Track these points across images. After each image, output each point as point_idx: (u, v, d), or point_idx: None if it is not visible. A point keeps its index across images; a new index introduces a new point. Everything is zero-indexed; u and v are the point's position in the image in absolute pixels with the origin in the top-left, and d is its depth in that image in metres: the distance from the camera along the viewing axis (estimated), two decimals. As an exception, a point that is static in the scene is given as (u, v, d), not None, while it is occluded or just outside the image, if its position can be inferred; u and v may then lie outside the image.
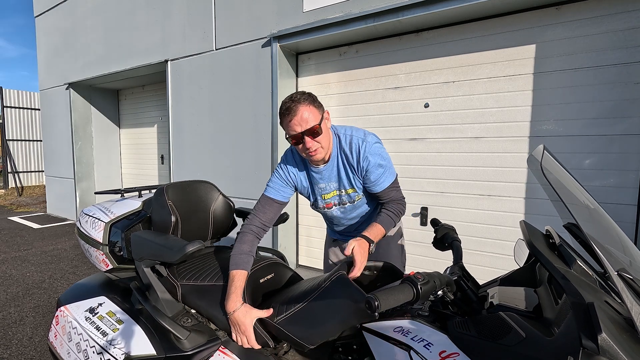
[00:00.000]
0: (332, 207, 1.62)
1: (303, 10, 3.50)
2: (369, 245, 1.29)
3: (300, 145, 1.38)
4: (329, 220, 1.76)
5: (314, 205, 1.67)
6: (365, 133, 1.50)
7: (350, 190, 1.55)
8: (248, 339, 1.21)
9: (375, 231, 1.38)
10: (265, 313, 1.23)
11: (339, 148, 1.50)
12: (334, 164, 1.51)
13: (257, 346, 1.21)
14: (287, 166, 1.56)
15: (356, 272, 1.19)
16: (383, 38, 3.39)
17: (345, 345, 1.19)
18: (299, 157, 1.56)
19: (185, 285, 1.40)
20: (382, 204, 1.56)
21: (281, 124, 1.39)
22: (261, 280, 1.41)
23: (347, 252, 1.21)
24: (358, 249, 1.22)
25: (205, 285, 1.38)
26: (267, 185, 1.55)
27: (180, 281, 1.41)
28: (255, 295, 1.36)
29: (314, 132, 1.34)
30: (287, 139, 1.40)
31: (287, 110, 1.34)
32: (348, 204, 1.60)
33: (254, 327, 1.21)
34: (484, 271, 3.04)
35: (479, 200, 3.06)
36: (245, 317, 1.20)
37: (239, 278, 1.28)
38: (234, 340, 1.25)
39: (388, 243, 1.71)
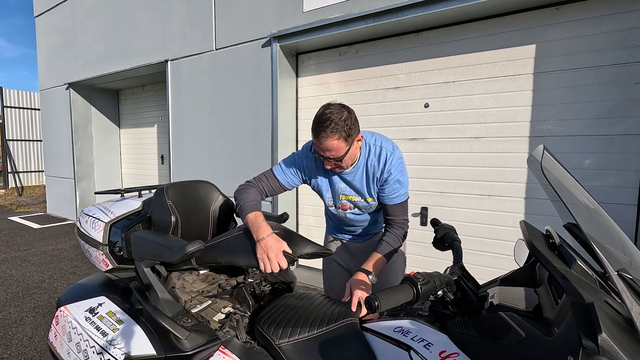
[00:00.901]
0: (347, 209, 1.64)
1: (303, 10, 3.50)
2: (369, 277, 1.35)
3: (324, 160, 1.43)
4: (336, 219, 1.77)
5: (329, 204, 1.68)
6: (393, 146, 1.52)
7: (369, 199, 1.57)
8: (279, 261, 1.23)
9: (376, 263, 1.44)
10: (289, 250, 1.27)
11: (366, 157, 1.50)
12: (357, 171, 1.52)
13: (285, 266, 1.24)
14: (305, 160, 1.58)
15: (354, 308, 1.25)
16: (383, 38, 3.39)
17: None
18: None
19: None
20: (386, 223, 1.60)
21: (311, 132, 1.38)
22: None
23: (346, 298, 1.31)
24: (357, 291, 1.29)
25: (218, 242, 1.37)
26: (279, 164, 1.60)
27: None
28: None
29: (337, 159, 1.39)
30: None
31: (316, 131, 1.34)
32: (363, 209, 1.62)
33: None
34: (484, 271, 3.04)
35: (479, 200, 3.06)
36: (277, 242, 1.25)
37: (259, 217, 1.34)
38: (262, 271, 1.25)
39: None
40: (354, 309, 1.25)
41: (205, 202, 1.70)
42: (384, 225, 1.72)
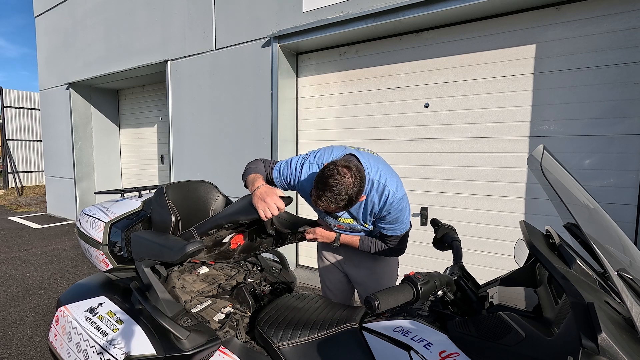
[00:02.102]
0: (342, 229, 1.64)
1: (303, 10, 3.50)
2: (334, 239, 1.62)
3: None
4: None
5: (324, 220, 1.67)
6: (397, 184, 1.45)
7: (366, 225, 1.57)
8: (277, 202, 1.28)
9: (350, 239, 1.62)
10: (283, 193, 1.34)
11: (367, 193, 1.43)
12: (359, 203, 1.46)
13: (283, 207, 1.29)
14: (301, 179, 1.52)
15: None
16: (383, 38, 3.39)
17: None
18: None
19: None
20: (380, 239, 1.62)
21: (314, 185, 1.31)
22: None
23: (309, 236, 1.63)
24: (322, 231, 1.62)
25: (217, 213, 1.42)
26: (279, 165, 1.60)
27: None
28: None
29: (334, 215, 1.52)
30: None
31: (317, 192, 1.27)
32: (359, 230, 1.63)
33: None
34: (484, 271, 3.04)
35: (479, 200, 3.05)
36: (271, 188, 1.33)
37: (258, 177, 1.45)
38: (262, 219, 1.28)
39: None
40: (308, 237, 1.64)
41: (205, 202, 1.70)
42: None
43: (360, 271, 1.73)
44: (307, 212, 4.03)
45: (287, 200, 1.33)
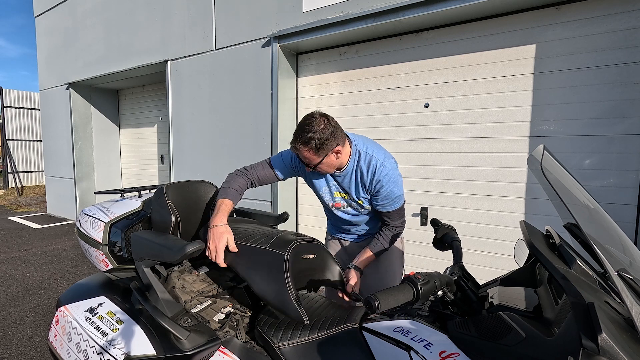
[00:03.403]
0: (340, 207, 1.66)
1: (303, 10, 3.50)
2: (360, 275, 1.51)
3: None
4: (334, 218, 1.79)
5: (326, 202, 1.71)
6: (385, 156, 1.52)
7: (360, 202, 1.60)
8: (217, 254, 1.28)
9: (365, 259, 1.57)
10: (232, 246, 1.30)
11: (356, 164, 1.52)
12: (348, 174, 1.55)
13: (223, 264, 1.29)
14: (295, 160, 1.60)
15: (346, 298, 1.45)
16: (383, 38, 3.39)
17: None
18: None
19: None
20: (383, 223, 1.64)
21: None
22: (303, 257, 1.35)
23: (349, 289, 1.43)
24: (352, 285, 1.44)
25: (250, 247, 1.31)
26: (279, 154, 1.66)
27: None
28: (295, 269, 1.28)
29: (310, 166, 1.47)
30: None
31: (293, 138, 1.41)
32: (355, 210, 1.65)
33: (226, 251, 1.29)
34: (484, 271, 3.04)
35: (479, 200, 3.05)
36: (222, 235, 1.29)
37: (227, 204, 1.43)
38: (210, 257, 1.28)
39: (391, 252, 1.73)
40: (346, 298, 1.43)
41: (205, 202, 1.70)
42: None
43: (364, 270, 1.75)
44: (307, 211, 4.03)
45: (228, 262, 1.31)
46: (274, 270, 1.18)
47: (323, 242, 1.99)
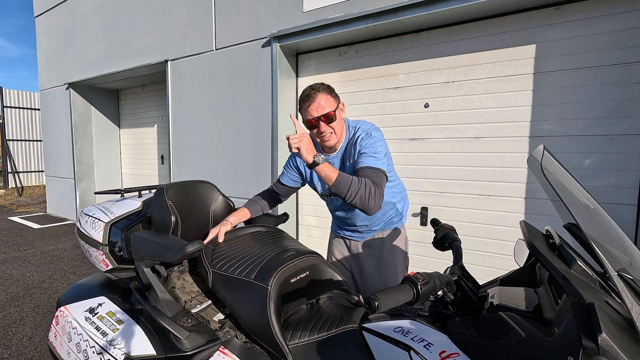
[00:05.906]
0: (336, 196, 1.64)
1: (303, 10, 3.50)
2: (314, 156, 1.36)
3: (315, 130, 1.53)
4: (334, 212, 1.80)
5: (321, 194, 1.74)
6: (372, 128, 1.58)
7: None
8: (220, 230, 1.52)
9: (330, 170, 1.37)
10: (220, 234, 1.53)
11: (348, 138, 1.60)
12: (340, 154, 1.61)
13: (221, 238, 1.51)
14: (297, 158, 1.74)
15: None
16: (383, 38, 3.39)
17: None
18: None
19: (216, 273, 1.34)
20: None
21: (300, 110, 1.55)
22: (292, 280, 1.30)
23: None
24: (303, 142, 1.39)
25: (235, 278, 1.29)
26: (283, 169, 1.83)
27: (213, 268, 1.35)
28: (283, 295, 1.25)
29: (329, 118, 1.49)
30: (304, 123, 1.56)
31: (306, 97, 1.50)
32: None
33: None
34: (484, 271, 3.04)
35: (479, 200, 3.05)
36: (221, 225, 1.55)
37: (243, 212, 1.70)
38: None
39: (394, 249, 1.73)
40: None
41: (205, 202, 1.70)
42: (385, 223, 1.73)
43: (365, 270, 1.74)
44: (307, 211, 4.03)
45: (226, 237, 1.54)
46: (257, 304, 1.18)
47: (327, 241, 2.00)
